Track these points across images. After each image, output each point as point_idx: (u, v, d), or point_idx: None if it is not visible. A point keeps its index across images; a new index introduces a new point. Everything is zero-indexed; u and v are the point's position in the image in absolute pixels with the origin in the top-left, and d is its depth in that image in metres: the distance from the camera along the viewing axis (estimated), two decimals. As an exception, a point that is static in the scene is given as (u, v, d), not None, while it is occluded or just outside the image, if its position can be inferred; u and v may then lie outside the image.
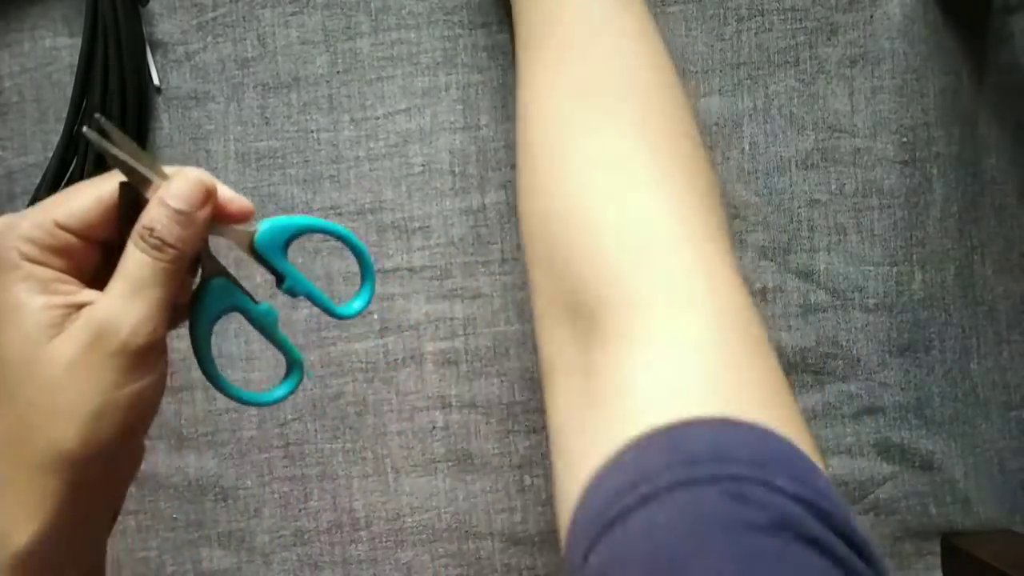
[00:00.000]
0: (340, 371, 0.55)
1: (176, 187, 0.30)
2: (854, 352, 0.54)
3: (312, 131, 0.55)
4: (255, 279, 0.48)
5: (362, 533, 0.55)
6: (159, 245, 0.29)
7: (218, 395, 0.55)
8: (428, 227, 0.55)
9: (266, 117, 0.55)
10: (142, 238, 0.29)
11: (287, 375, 0.36)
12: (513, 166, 0.55)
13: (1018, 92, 0.56)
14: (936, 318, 0.55)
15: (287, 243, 0.33)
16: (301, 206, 0.55)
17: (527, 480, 0.55)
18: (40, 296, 0.29)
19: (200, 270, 0.33)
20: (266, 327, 0.34)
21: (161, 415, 0.55)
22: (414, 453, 0.55)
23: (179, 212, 0.30)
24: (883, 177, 0.54)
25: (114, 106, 0.52)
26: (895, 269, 0.54)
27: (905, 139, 0.54)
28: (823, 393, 0.55)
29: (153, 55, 0.55)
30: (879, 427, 0.54)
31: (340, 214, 0.55)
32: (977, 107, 0.56)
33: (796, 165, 0.54)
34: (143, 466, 0.55)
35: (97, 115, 0.29)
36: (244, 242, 0.33)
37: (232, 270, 0.34)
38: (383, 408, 0.55)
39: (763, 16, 0.54)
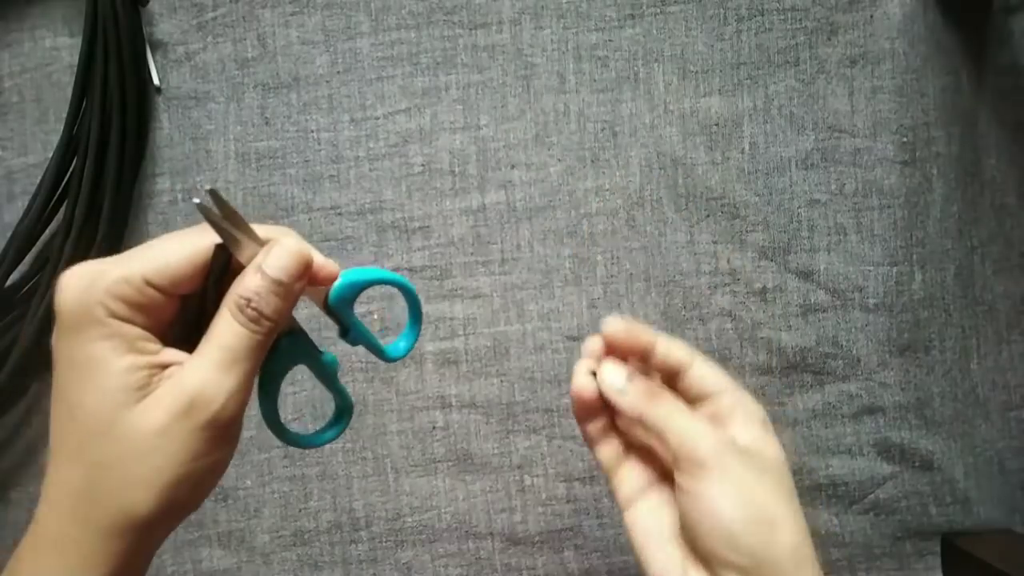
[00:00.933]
0: (340, 371, 0.55)
1: (276, 258, 0.30)
2: (854, 352, 0.54)
3: (312, 131, 0.55)
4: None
5: (362, 533, 0.55)
6: (256, 317, 0.29)
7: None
8: (428, 227, 0.55)
9: (266, 117, 0.55)
10: (240, 309, 0.29)
11: (338, 418, 0.36)
12: (514, 166, 0.55)
13: (1018, 92, 0.56)
14: (936, 318, 0.55)
15: (355, 298, 0.34)
16: (301, 206, 0.55)
17: (527, 480, 0.55)
18: (126, 356, 0.28)
19: None
20: (329, 376, 0.35)
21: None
22: (414, 453, 0.55)
23: (278, 283, 0.29)
24: (883, 177, 0.54)
25: (114, 106, 0.52)
26: (895, 269, 0.54)
27: (905, 139, 0.54)
28: (823, 393, 0.55)
29: (153, 55, 0.55)
30: (879, 427, 0.54)
31: (340, 214, 0.55)
32: (977, 107, 0.56)
33: (796, 165, 0.54)
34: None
35: (208, 187, 0.29)
36: (319, 299, 0.33)
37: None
38: (383, 408, 0.55)
39: (763, 16, 0.54)
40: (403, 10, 0.55)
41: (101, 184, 0.52)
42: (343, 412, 0.36)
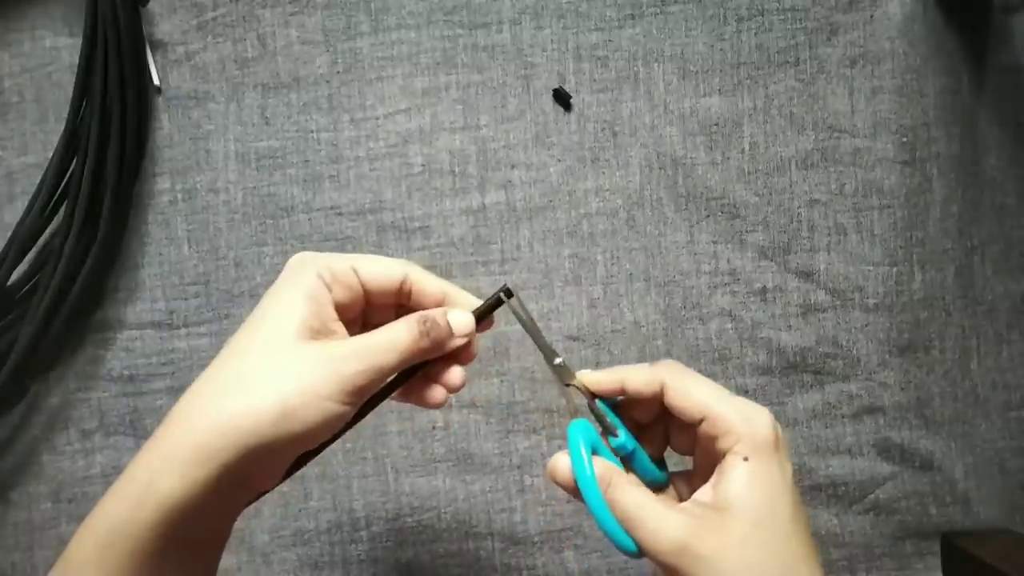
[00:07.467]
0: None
1: (460, 317, 0.38)
2: (854, 352, 0.54)
3: (312, 131, 0.55)
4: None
5: (362, 533, 0.55)
6: (425, 332, 0.36)
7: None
8: (428, 227, 0.55)
9: (266, 117, 0.55)
10: (417, 322, 0.36)
11: None
12: (513, 166, 0.55)
13: (1018, 92, 0.56)
14: (936, 318, 0.55)
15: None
16: (301, 206, 0.55)
17: (527, 480, 0.55)
18: (313, 306, 0.35)
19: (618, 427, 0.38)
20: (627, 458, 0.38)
21: (161, 415, 0.55)
22: (414, 453, 0.55)
23: (449, 327, 0.37)
24: (883, 177, 0.54)
25: (114, 106, 0.52)
26: (895, 269, 0.54)
27: (905, 139, 0.54)
28: (823, 393, 0.55)
29: (153, 55, 0.55)
30: (879, 427, 0.54)
31: (340, 214, 0.55)
32: (977, 107, 0.56)
33: (796, 165, 0.54)
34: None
35: (507, 286, 0.40)
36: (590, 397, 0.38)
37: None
38: (383, 408, 0.55)
39: (763, 16, 0.54)
40: (403, 10, 0.55)
41: (101, 184, 0.52)
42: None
